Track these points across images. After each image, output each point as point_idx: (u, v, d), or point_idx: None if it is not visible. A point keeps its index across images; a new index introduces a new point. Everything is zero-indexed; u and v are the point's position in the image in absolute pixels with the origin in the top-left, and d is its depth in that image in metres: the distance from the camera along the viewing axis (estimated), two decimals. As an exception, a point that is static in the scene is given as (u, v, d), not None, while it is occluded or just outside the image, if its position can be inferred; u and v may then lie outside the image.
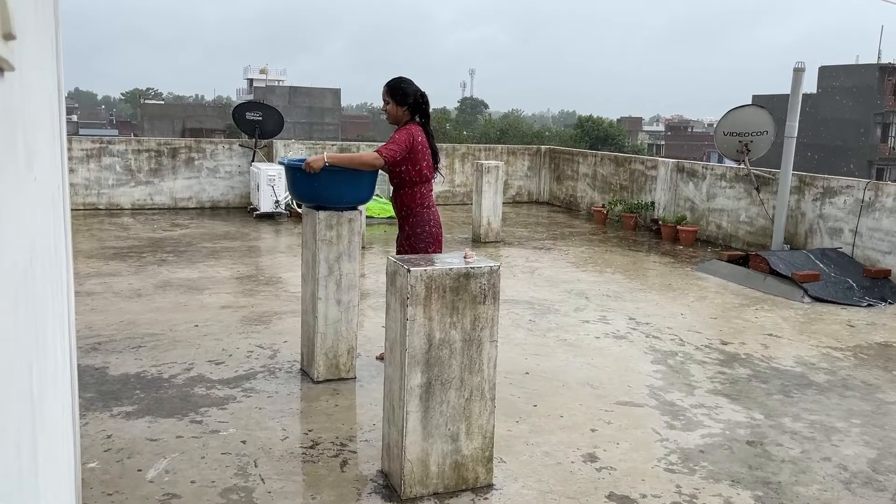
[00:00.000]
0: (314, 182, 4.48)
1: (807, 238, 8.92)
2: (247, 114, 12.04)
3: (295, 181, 4.58)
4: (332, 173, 4.48)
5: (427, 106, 4.76)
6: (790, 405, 4.60)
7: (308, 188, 4.53)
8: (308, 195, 4.59)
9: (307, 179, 4.49)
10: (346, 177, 4.52)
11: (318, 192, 4.53)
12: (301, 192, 4.61)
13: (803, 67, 8.41)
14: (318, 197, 4.55)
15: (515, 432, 4.05)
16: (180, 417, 4.09)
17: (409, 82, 4.75)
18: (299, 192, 4.61)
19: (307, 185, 4.52)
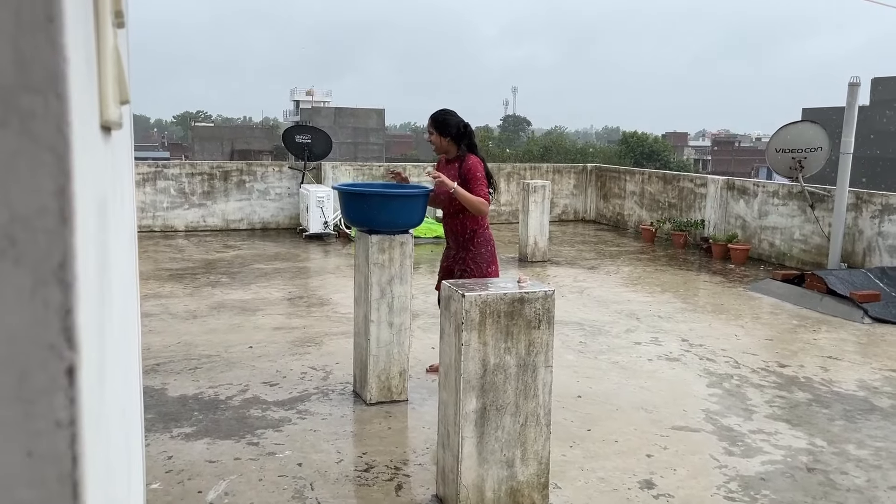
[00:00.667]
0: (368, 207, 4.54)
1: (865, 256, 8.67)
2: (296, 137, 12.27)
3: (348, 206, 4.65)
4: (385, 198, 4.55)
5: (471, 135, 4.88)
6: (853, 431, 4.46)
7: (362, 212, 4.59)
8: (362, 219, 4.65)
9: (361, 204, 4.56)
10: (400, 201, 4.58)
11: (371, 217, 4.59)
12: (354, 217, 4.68)
13: (858, 82, 8.22)
14: (371, 221, 4.61)
15: (570, 457, 4.01)
16: (237, 439, 4.16)
17: (452, 114, 4.89)
18: (353, 216, 4.68)
19: (361, 210, 4.58)
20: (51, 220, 0.37)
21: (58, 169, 0.37)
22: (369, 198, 4.59)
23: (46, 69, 0.36)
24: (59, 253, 0.37)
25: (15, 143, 0.36)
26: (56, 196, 0.37)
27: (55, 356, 0.38)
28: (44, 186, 0.37)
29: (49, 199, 0.37)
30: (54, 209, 0.37)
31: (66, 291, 0.37)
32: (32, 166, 0.37)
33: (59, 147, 0.37)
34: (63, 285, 0.37)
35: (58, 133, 0.37)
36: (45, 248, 0.37)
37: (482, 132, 62.30)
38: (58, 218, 0.37)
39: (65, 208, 0.37)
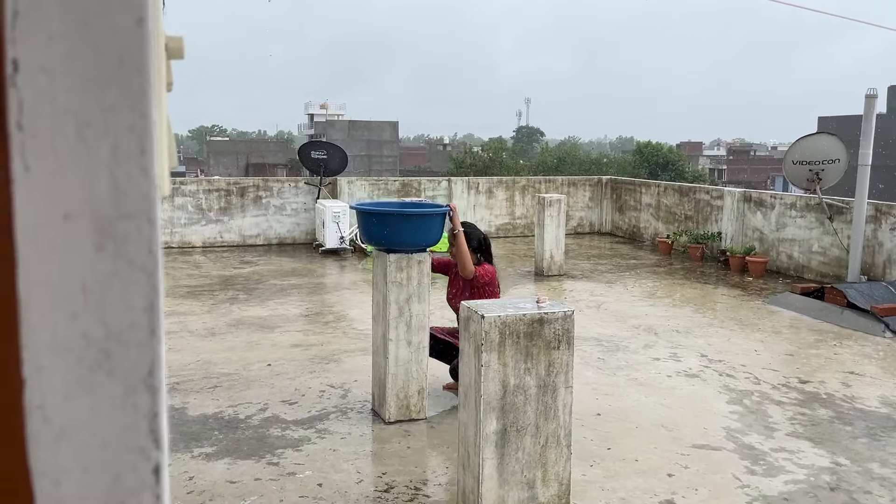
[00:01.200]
0: (386, 226, 4.58)
1: (885, 269, 8.60)
2: (312, 153, 12.36)
3: (366, 225, 4.69)
4: (403, 218, 4.59)
5: (489, 248, 5.23)
6: (877, 449, 4.42)
7: (380, 231, 4.63)
8: (380, 238, 4.68)
9: (379, 223, 4.60)
10: (418, 220, 4.62)
11: (389, 236, 4.62)
12: (373, 235, 4.71)
13: (876, 94, 8.19)
14: (389, 240, 4.64)
15: (590, 477, 4.00)
16: (258, 459, 4.18)
17: (472, 227, 5.23)
18: (371, 234, 4.72)
19: (379, 229, 4.62)
20: (142, 334, 0.39)
21: (148, 287, 0.40)
22: (387, 217, 4.63)
23: (140, 197, 0.39)
24: (148, 362, 0.40)
25: (111, 266, 0.39)
26: (146, 312, 0.40)
27: (144, 458, 0.40)
28: (136, 304, 0.39)
29: (140, 315, 0.40)
30: (145, 324, 0.40)
31: (154, 397, 0.40)
32: (126, 286, 0.39)
33: (150, 266, 0.40)
34: (151, 391, 0.40)
35: (149, 254, 0.39)
36: (136, 360, 0.40)
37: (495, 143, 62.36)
38: (148, 332, 0.40)
39: (153, 322, 0.40)
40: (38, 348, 0.39)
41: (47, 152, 0.38)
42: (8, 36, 0.36)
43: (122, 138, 0.38)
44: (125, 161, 0.39)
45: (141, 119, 0.38)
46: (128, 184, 0.39)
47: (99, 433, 0.40)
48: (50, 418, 0.39)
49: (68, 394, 0.39)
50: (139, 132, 0.38)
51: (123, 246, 0.39)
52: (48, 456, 0.39)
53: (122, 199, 0.39)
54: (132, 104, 0.38)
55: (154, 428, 0.40)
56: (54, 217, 0.38)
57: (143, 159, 0.39)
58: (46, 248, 0.38)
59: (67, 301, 0.39)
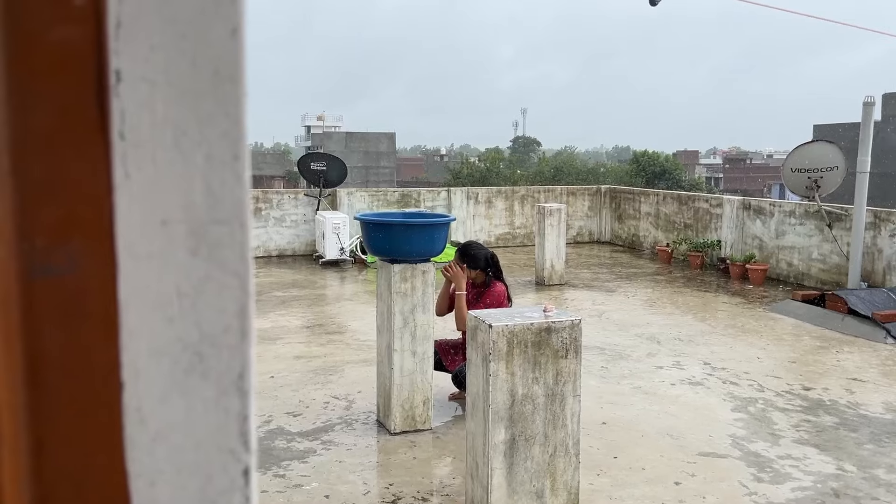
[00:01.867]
0: (390, 236, 4.59)
1: (885, 275, 8.62)
2: (311, 164, 12.38)
3: (371, 235, 4.70)
4: (408, 228, 4.60)
5: (497, 264, 5.16)
6: (883, 455, 4.43)
7: (384, 242, 4.64)
8: (384, 249, 4.69)
9: (383, 233, 4.61)
10: (422, 230, 4.63)
11: (394, 246, 4.63)
12: (377, 246, 4.72)
13: (873, 102, 8.24)
14: (394, 250, 4.65)
15: (598, 486, 4.00)
16: (264, 471, 4.17)
17: (478, 247, 5.19)
18: (376, 245, 4.72)
19: (383, 239, 4.63)
20: (234, 337, 0.40)
21: (240, 290, 0.40)
22: (392, 227, 4.64)
23: (233, 202, 0.40)
24: (239, 365, 0.41)
25: (204, 271, 0.40)
26: (238, 315, 0.40)
27: (235, 460, 0.41)
28: (228, 308, 0.40)
29: (233, 318, 0.40)
30: (237, 327, 0.40)
31: (244, 399, 0.41)
32: (219, 290, 0.40)
33: (242, 271, 0.40)
34: (241, 394, 0.41)
35: (241, 259, 0.40)
36: (228, 362, 0.40)
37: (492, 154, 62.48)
38: (239, 335, 0.40)
39: (245, 325, 0.41)
40: (137, 352, 0.39)
41: (146, 161, 0.39)
42: (112, 46, 0.37)
43: (216, 145, 0.39)
44: (219, 167, 0.39)
45: (234, 126, 0.39)
46: (221, 189, 0.40)
47: (192, 435, 0.40)
48: (146, 420, 0.40)
49: (164, 396, 0.40)
50: (232, 139, 0.39)
51: (217, 250, 0.40)
52: (144, 457, 0.40)
53: (216, 204, 0.40)
54: (226, 111, 0.39)
55: (244, 430, 0.40)
56: (152, 223, 0.39)
57: (237, 165, 0.40)
58: (144, 254, 0.39)
59: (164, 305, 0.40)
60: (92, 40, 0.37)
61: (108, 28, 0.37)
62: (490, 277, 5.11)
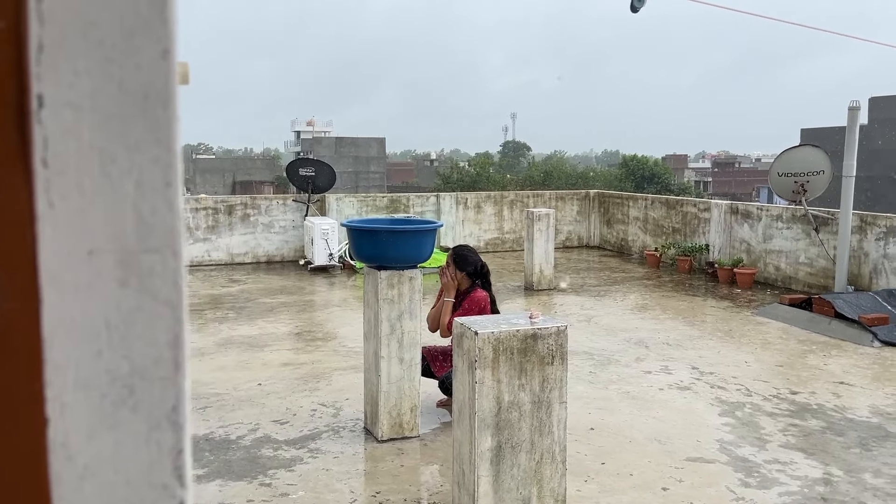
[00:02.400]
0: (377, 243, 4.58)
1: (871, 279, 8.67)
2: (300, 170, 12.35)
3: (358, 242, 4.69)
4: (394, 234, 4.59)
5: (487, 275, 5.14)
6: (869, 459, 4.44)
7: (371, 249, 4.62)
8: (371, 255, 4.68)
9: (370, 240, 4.59)
10: (409, 237, 4.62)
11: (381, 253, 4.61)
12: (364, 253, 4.70)
13: (859, 106, 8.29)
14: (380, 257, 4.64)
15: (585, 492, 3.99)
16: (250, 480, 4.14)
17: (471, 251, 5.16)
18: (363, 252, 4.71)
19: (370, 246, 4.61)
20: (166, 369, 0.39)
21: (173, 320, 0.39)
22: (378, 234, 4.62)
23: (165, 230, 0.39)
24: (173, 397, 0.40)
25: (135, 301, 0.39)
26: (171, 346, 0.39)
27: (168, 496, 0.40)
28: (160, 338, 0.39)
29: (165, 349, 0.39)
30: (169, 359, 0.39)
31: (178, 433, 0.39)
32: (150, 320, 0.39)
33: (175, 300, 0.39)
34: (175, 427, 0.39)
35: (174, 288, 0.39)
36: (161, 395, 0.39)
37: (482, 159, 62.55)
38: (172, 366, 0.39)
39: (178, 356, 0.39)
40: (62, 386, 0.38)
41: (72, 189, 0.38)
42: (33, 71, 0.36)
43: (146, 172, 0.38)
44: (150, 195, 0.38)
45: (166, 152, 0.38)
46: (152, 217, 0.38)
47: (122, 471, 0.39)
48: (73, 457, 0.39)
49: (92, 431, 0.39)
50: (164, 165, 0.38)
51: (148, 280, 0.39)
52: (71, 495, 0.39)
53: (148, 232, 0.38)
54: (157, 137, 0.38)
55: (178, 465, 0.39)
56: (78, 253, 0.38)
57: (169, 192, 0.38)
58: (70, 285, 0.38)
59: (91, 338, 0.39)
60: (11, 64, 0.36)
61: (29, 52, 0.36)
62: (476, 284, 5.10)
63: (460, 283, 5.09)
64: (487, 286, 5.15)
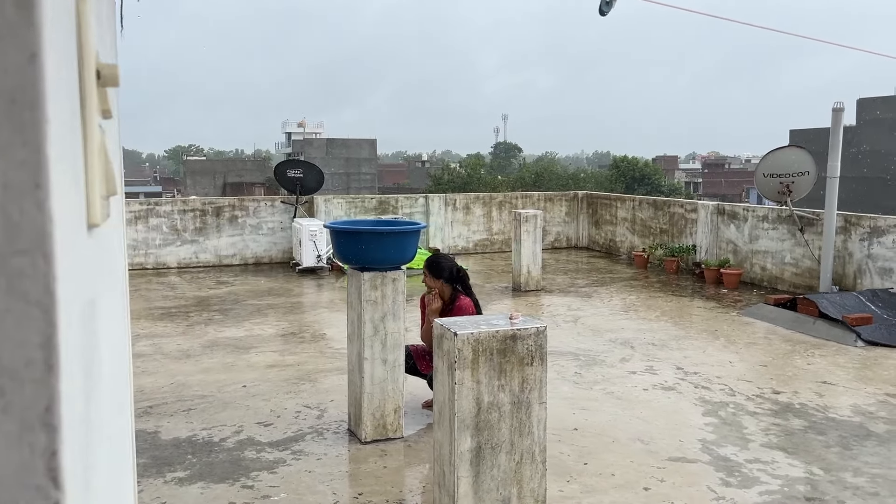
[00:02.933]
0: (359, 244, 4.57)
1: (856, 279, 8.72)
2: (288, 171, 12.33)
3: (340, 244, 4.68)
4: (377, 236, 4.58)
5: (465, 279, 5.21)
6: (850, 458, 4.46)
7: (354, 250, 4.62)
8: (354, 257, 4.67)
9: (353, 242, 4.59)
10: (392, 238, 4.61)
11: (364, 255, 4.61)
12: (347, 254, 4.70)
13: (842, 107, 8.34)
14: (363, 259, 4.63)
15: (567, 493, 4.00)
16: (232, 482, 4.13)
17: (445, 258, 5.26)
18: (345, 254, 4.70)
19: (353, 248, 4.61)
20: (37, 370, 0.39)
21: (44, 322, 0.39)
22: (361, 235, 4.62)
23: (34, 232, 0.39)
24: (45, 399, 0.39)
25: (3, 303, 0.39)
26: (42, 348, 0.39)
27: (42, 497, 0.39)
28: (31, 340, 0.39)
29: (35, 351, 0.39)
30: (40, 360, 0.39)
31: (52, 435, 0.39)
32: (20, 322, 0.39)
33: (46, 301, 0.39)
34: (48, 429, 0.39)
35: (45, 290, 0.39)
36: (32, 396, 0.39)
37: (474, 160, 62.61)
38: (44, 367, 0.39)
39: (50, 357, 0.39)
40: (-73, 388, 0.38)
41: None
42: None
43: (13, 175, 0.38)
44: (17, 197, 0.38)
45: (34, 154, 0.38)
46: (21, 219, 0.38)
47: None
48: None
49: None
50: (32, 167, 0.38)
51: (17, 282, 0.39)
52: None
53: (16, 234, 0.38)
54: (24, 140, 0.38)
55: (52, 466, 0.39)
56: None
57: (38, 193, 0.38)
58: None
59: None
60: None
61: None
62: (457, 291, 5.13)
63: (442, 292, 5.12)
64: (467, 289, 5.17)
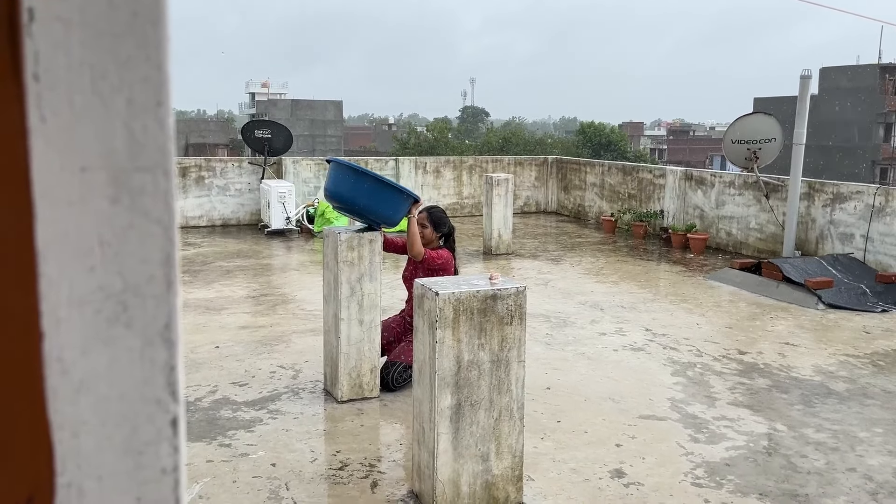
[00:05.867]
0: (360, 187, 4.51)
1: (818, 244, 8.95)
2: (256, 132, 12.13)
3: (337, 179, 4.60)
4: (380, 185, 4.55)
5: (453, 238, 5.28)
6: (812, 415, 4.64)
7: (351, 191, 4.53)
8: (347, 197, 4.56)
9: (353, 182, 4.53)
10: (389, 194, 4.60)
11: (356, 198, 4.53)
12: (341, 193, 4.58)
13: (810, 75, 8.47)
14: (354, 202, 4.55)
15: (542, 449, 4.09)
16: (209, 441, 4.14)
17: (445, 213, 5.28)
18: (340, 191, 4.58)
19: (351, 188, 4.53)
20: (158, 287, 0.39)
21: (165, 239, 0.40)
22: (364, 177, 4.55)
23: (156, 149, 0.39)
24: (165, 315, 0.40)
25: (127, 219, 0.39)
26: (163, 265, 0.40)
27: (162, 410, 0.40)
28: (152, 257, 0.39)
29: (157, 268, 0.39)
30: (161, 277, 0.40)
31: (171, 350, 0.40)
32: (142, 238, 0.39)
33: (166, 219, 0.40)
34: (168, 344, 0.40)
35: (165, 207, 0.39)
36: (153, 312, 0.40)
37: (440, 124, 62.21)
38: (164, 285, 0.40)
39: (170, 274, 0.40)
40: (56, 301, 0.38)
41: (63, 104, 0.37)
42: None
43: (137, 90, 0.38)
44: (141, 113, 0.38)
45: (156, 71, 0.38)
46: (144, 136, 0.39)
47: (117, 386, 0.40)
48: (69, 371, 0.39)
49: (86, 346, 0.39)
50: (155, 84, 0.38)
51: (139, 199, 0.39)
52: (67, 408, 0.39)
53: (139, 151, 0.39)
54: (147, 55, 0.38)
55: (171, 381, 0.40)
56: (71, 169, 0.38)
57: (160, 111, 0.39)
58: (63, 201, 0.38)
59: (84, 254, 0.39)
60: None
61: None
62: (440, 244, 5.15)
63: (430, 241, 5.13)
64: (452, 246, 5.22)
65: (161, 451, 0.41)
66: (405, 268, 5.24)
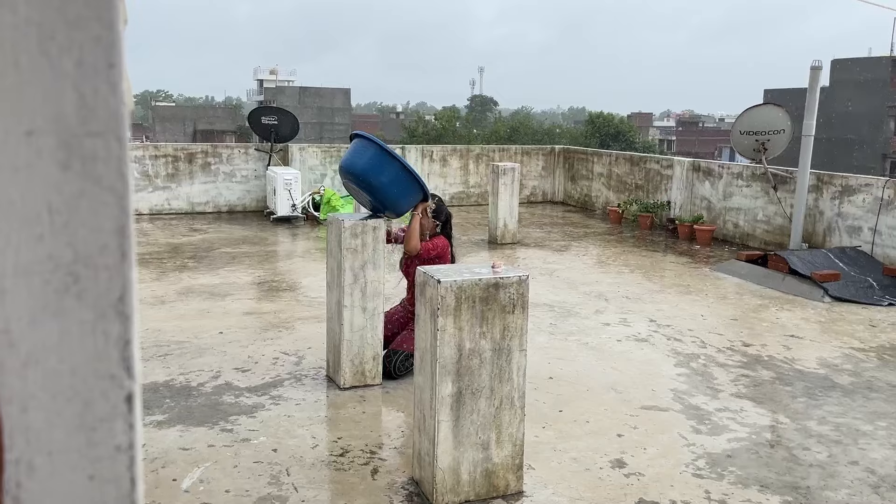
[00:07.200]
0: (381, 167, 4.54)
1: (825, 237, 8.89)
2: (262, 118, 12.11)
3: (358, 152, 4.62)
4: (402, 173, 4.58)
5: (450, 227, 5.25)
6: (815, 408, 4.61)
7: (371, 166, 4.56)
8: (366, 170, 4.57)
9: (378, 160, 4.56)
10: (408, 183, 4.63)
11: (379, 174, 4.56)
12: (361, 166, 4.59)
13: (820, 66, 8.38)
14: (369, 175, 4.56)
15: (543, 438, 4.08)
16: (211, 426, 4.15)
17: (443, 203, 5.23)
18: (361, 163, 4.60)
19: (373, 164, 4.56)
20: (112, 257, 0.38)
21: (118, 208, 0.38)
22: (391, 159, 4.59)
23: (108, 113, 0.37)
24: (119, 287, 0.39)
25: (78, 186, 0.38)
26: (117, 234, 0.38)
27: (116, 385, 0.39)
28: (105, 226, 0.38)
29: (110, 237, 0.38)
30: (115, 247, 0.38)
31: (125, 323, 0.39)
32: (94, 207, 0.38)
33: (119, 187, 0.38)
34: (122, 318, 0.39)
35: (118, 174, 0.38)
36: (106, 284, 0.38)
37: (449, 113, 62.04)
38: (118, 255, 0.38)
39: (124, 245, 0.38)
40: (1, 270, 0.37)
41: (8, 65, 0.36)
42: None
43: (87, 51, 0.37)
44: (92, 75, 0.37)
45: (108, 31, 0.36)
46: (95, 100, 0.37)
47: (67, 360, 0.38)
48: (16, 343, 0.38)
49: (34, 318, 0.38)
50: (106, 45, 0.37)
51: (91, 165, 0.37)
52: (15, 382, 0.38)
53: (90, 115, 0.37)
54: (98, 15, 0.36)
55: (126, 356, 0.39)
56: (16, 133, 0.36)
57: (112, 73, 0.37)
58: (8, 167, 0.36)
59: (32, 222, 0.37)
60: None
61: None
62: (437, 232, 5.13)
63: (429, 228, 5.12)
64: (449, 234, 5.20)
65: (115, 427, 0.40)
66: (402, 258, 5.24)
